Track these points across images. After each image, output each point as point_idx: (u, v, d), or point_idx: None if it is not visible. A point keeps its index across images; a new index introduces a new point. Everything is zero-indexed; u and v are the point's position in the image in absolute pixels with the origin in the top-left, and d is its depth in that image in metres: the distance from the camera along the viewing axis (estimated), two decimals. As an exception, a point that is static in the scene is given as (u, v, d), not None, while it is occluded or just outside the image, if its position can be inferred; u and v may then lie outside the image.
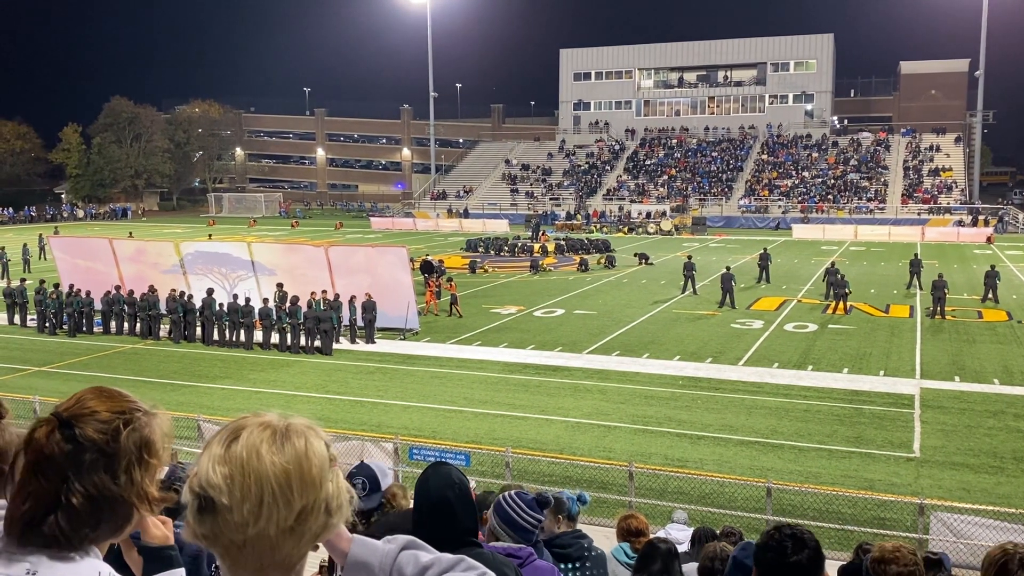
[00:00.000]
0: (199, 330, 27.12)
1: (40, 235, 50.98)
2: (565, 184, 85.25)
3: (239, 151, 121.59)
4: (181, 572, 2.07)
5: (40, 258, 47.84)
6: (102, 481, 1.58)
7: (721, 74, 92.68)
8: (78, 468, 1.57)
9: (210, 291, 27.07)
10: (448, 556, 1.78)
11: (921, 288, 34.81)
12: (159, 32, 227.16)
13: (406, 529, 2.05)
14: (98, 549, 1.64)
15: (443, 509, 2.96)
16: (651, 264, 45.06)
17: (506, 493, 4.07)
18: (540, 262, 44.14)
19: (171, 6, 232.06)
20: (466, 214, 78.02)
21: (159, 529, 1.98)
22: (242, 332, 26.26)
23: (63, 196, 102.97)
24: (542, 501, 3.98)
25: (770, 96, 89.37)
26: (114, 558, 1.81)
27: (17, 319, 30.05)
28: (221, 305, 26.64)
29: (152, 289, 28.08)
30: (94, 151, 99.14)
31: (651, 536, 6.35)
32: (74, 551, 1.58)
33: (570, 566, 4.76)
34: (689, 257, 37.01)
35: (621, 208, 75.03)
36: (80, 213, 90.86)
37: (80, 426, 1.60)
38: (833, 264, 35.28)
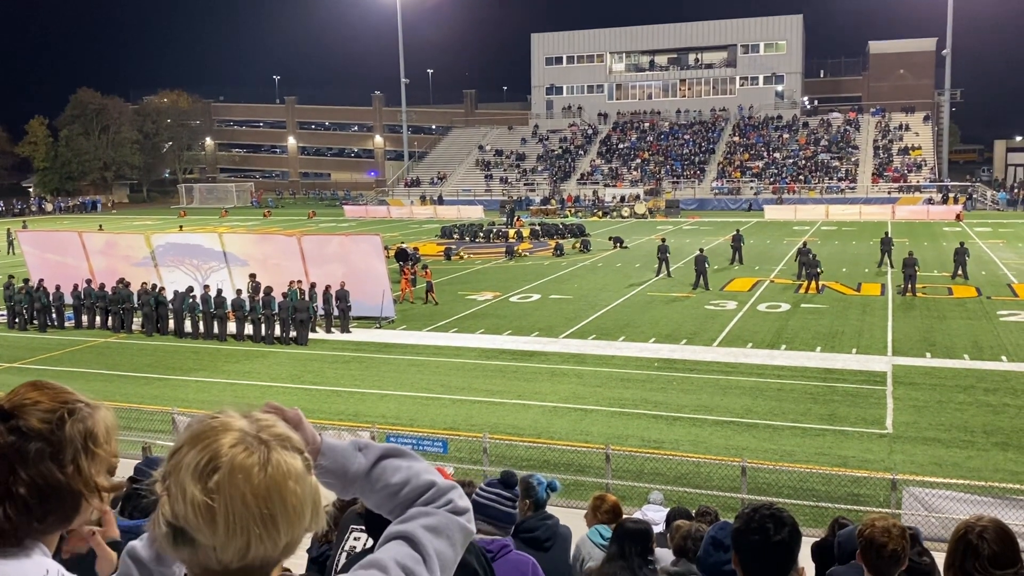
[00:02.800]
0: (171, 323, 26.91)
1: (8, 230, 50.27)
2: (539, 169, 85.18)
3: (209, 141, 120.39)
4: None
5: (8, 253, 47.23)
6: (49, 470, 1.56)
7: (692, 57, 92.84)
8: (23, 458, 1.55)
9: (190, 289, 26.86)
10: (423, 478, 1.68)
11: (892, 266, 35.18)
12: (125, 22, 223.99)
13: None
14: (46, 546, 1.62)
15: None
16: (626, 248, 45.18)
17: (477, 489, 4.06)
18: (515, 248, 44.13)
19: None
20: (440, 201, 77.81)
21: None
22: (215, 324, 26.08)
23: (31, 190, 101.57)
24: (508, 481, 3.98)
25: (740, 78, 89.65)
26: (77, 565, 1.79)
27: (-14, 315, 29.66)
28: (193, 297, 26.43)
29: (124, 282, 27.80)
30: (61, 144, 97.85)
31: (625, 517, 6.39)
32: (19, 546, 1.56)
33: (539, 549, 4.78)
34: (663, 240, 37.13)
35: (595, 192, 75.11)
36: (49, 207, 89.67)
37: (23, 417, 1.58)
38: (805, 244, 35.54)
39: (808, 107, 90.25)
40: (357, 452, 1.68)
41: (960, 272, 32.83)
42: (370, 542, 3.65)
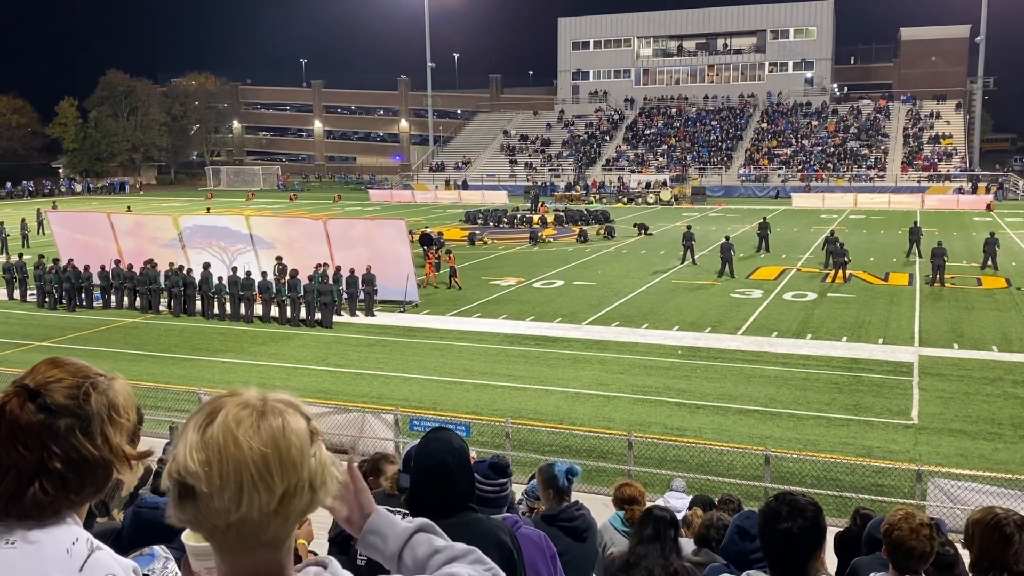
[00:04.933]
0: (199, 304, 27.15)
1: (38, 210, 50.84)
2: (564, 155, 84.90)
3: (236, 124, 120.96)
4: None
5: (39, 233, 47.77)
6: (81, 444, 1.61)
7: (720, 42, 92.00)
8: (55, 434, 1.60)
9: (207, 265, 27.06)
10: (461, 545, 1.83)
11: (920, 256, 34.80)
12: (154, 4, 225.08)
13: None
14: (77, 515, 1.66)
15: (440, 474, 2.98)
16: (650, 234, 45.00)
17: None
18: (539, 233, 44.07)
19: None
20: (465, 186, 77.79)
21: None
22: (242, 306, 26.30)
23: (60, 170, 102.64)
24: (497, 467, 3.97)
25: (770, 64, 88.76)
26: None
27: (17, 294, 30.05)
28: (220, 279, 26.65)
29: (151, 263, 28.08)
30: (91, 125, 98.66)
31: (647, 503, 6.40)
32: (53, 518, 1.61)
33: (578, 540, 4.78)
34: (688, 227, 36.95)
35: (620, 178, 74.77)
36: (78, 187, 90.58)
37: (49, 394, 1.62)
38: (832, 233, 35.26)
39: (838, 94, 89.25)
40: (406, 521, 1.88)
41: (990, 263, 32.41)
42: None
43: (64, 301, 28.59)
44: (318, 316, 25.30)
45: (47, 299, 28.75)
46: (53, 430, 1.59)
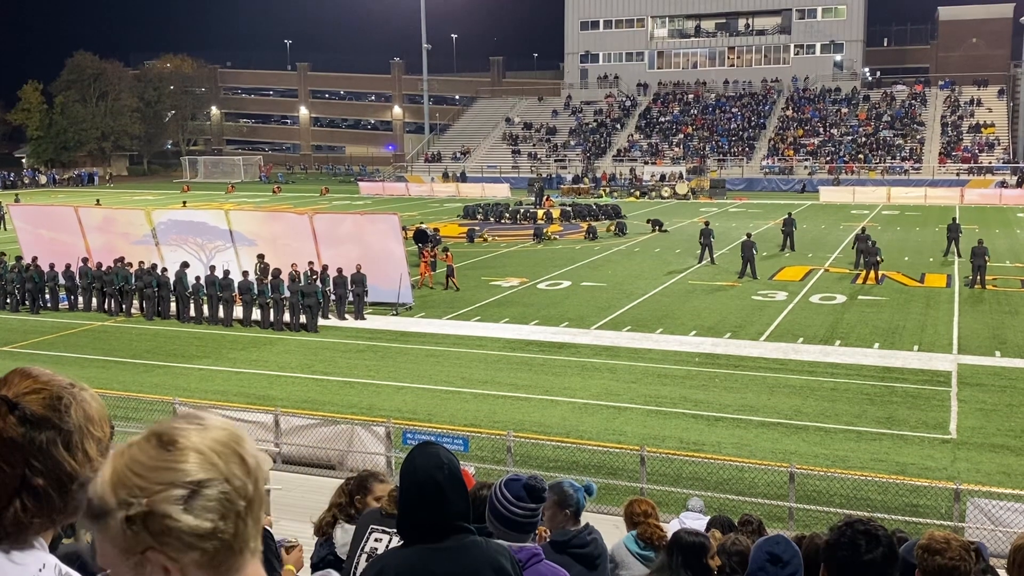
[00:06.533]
0: (174, 306, 27.17)
1: (-1, 203, 50.95)
2: (571, 144, 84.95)
3: (215, 110, 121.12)
4: None
5: (-1, 228, 47.84)
6: (64, 459, 1.61)
7: (742, 22, 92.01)
8: (37, 448, 1.60)
9: (183, 264, 27.09)
10: None
11: (959, 255, 34.80)
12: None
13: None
14: (43, 539, 1.66)
15: (430, 493, 2.98)
16: (665, 231, 45.05)
17: (499, 484, 4.05)
18: (544, 230, 44.11)
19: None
20: (463, 178, 77.86)
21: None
22: (220, 308, 26.33)
23: (24, 160, 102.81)
24: (532, 491, 3.94)
25: (795, 46, 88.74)
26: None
27: (-24, 295, 30.09)
28: (197, 278, 26.67)
29: (122, 261, 28.09)
30: (56, 111, 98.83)
31: (659, 518, 6.40)
32: (23, 543, 1.60)
33: (591, 568, 4.77)
34: (706, 223, 36.97)
35: (632, 170, 74.82)
36: (43, 179, 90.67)
37: (29, 406, 1.63)
38: (864, 230, 35.24)
39: (870, 79, 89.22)
40: None
41: (1035, 263, 32.41)
42: (394, 542, 3.65)
43: (27, 303, 28.63)
44: (303, 319, 25.33)
45: (8, 300, 28.79)
46: (35, 444, 1.60)
